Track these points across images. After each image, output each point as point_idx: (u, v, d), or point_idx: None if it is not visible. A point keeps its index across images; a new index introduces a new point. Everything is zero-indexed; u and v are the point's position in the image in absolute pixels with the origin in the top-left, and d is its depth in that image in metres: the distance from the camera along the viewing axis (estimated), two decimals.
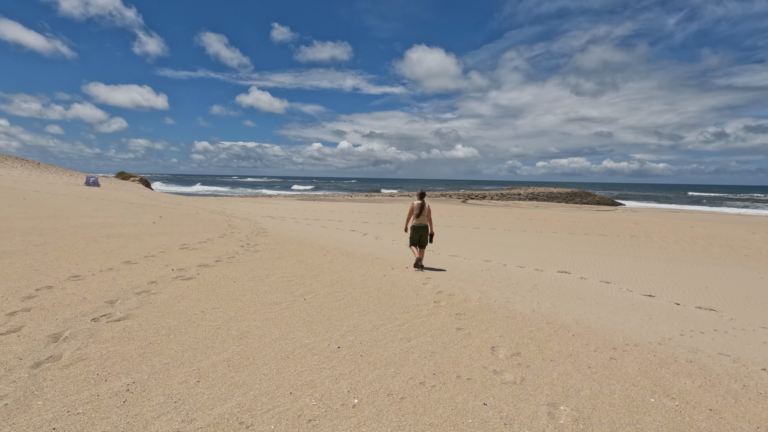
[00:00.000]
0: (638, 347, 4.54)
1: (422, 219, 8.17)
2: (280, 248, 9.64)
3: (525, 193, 57.85)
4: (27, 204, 14.91)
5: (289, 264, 7.85)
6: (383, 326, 4.63)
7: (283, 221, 17.04)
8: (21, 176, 31.87)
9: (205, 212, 18.97)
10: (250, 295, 5.50)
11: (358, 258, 9.03)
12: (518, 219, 23.26)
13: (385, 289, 6.36)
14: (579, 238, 15.09)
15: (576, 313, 5.77)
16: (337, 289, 6.15)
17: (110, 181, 39.80)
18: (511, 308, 5.77)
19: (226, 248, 9.11)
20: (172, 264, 7.04)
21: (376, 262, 8.74)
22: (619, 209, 44.75)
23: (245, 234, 11.79)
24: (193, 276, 6.32)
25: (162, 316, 4.42)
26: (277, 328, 4.33)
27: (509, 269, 8.93)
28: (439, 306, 5.63)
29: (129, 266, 6.62)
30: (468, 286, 7.00)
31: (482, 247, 12.13)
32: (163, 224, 12.56)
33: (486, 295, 6.45)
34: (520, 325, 5.03)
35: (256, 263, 7.68)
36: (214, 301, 5.08)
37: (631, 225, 21.58)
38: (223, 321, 4.40)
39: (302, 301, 5.38)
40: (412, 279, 7.25)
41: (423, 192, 8.41)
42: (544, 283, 7.75)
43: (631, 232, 17.68)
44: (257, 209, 23.73)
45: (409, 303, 5.68)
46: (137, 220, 13.12)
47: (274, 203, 32.18)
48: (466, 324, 4.91)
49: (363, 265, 8.29)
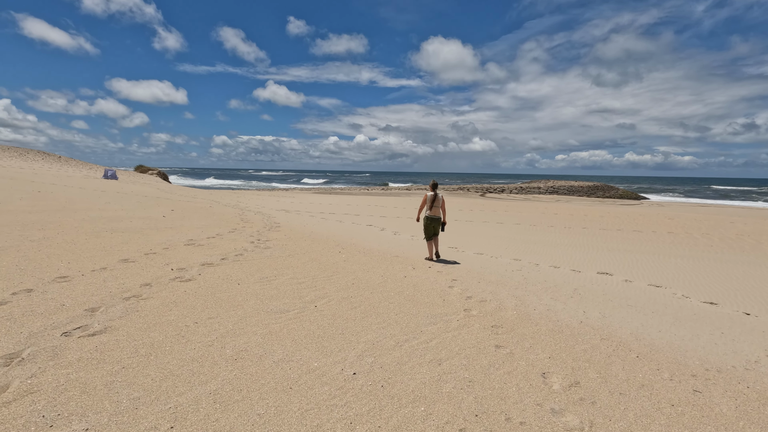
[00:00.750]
0: (722, 374, 3.68)
1: (436, 210, 8.09)
2: (292, 245, 8.98)
3: (545, 187, 56.18)
4: (40, 197, 14.65)
5: (300, 263, 7.16)
6: (407, 343, 3.87)
7: (297, 215, 16.44)
8: (42, 169, 32.17)
9: (219, 206, 18.52)
10: (254, 300, 4.82)
11: (376, 256, 8.30)
12: (543, 213, 22.16)
13: (407, 294, 5.60)
14: (612, 235, 14.02)
15: (632, 325, 4.91)
16: (353, 294, 5.42)
17: (128, 174, 40.03)
18: (555, 319, 4.94)
19: (235, 244, 8.49)
20: (173, 263, 6.43)
21: (396, 260, 7.99)
22: (645, 203, 42.90)
23: (257, 229, 11.19)
24: (194, 277, 5.67)
25: (147, 329, 3.75)
26: (281, 345, 3.62)
27: (543, 270, 8.06)
28: (470, 315, 4.85)
29: (125, 265, 6.03)
30: (500, 290, 6.19)
31: (509, 244, 11.25)
32: (174, 218, 12.07)
33: (523, 301, 5.63)
34: (570, 341, 4.21)
35: (265, 262, 7.02)
36: (212, 309, 4.41)
37: (665, 220, 20.26)
38: (217, 336, 3.71)
39: (313, 309, 4.66)
40: (437, 281, 6.47)
41: (436, 183, 8.30)
42: (586, 286, 6.87)
43: (667, 228, 16.46)
44: (272, 203, 23.24)
45: (436, 311, 4.92)
46: (148, 213, 12.66)
47: (289, 197, 31.73)
48: (505, 340, 4.12)
49: (381, 264, 7.55)
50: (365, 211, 20.11)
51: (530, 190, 55.05)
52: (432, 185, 8.23)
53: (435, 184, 8.25)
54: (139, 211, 12.96)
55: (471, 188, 57.27)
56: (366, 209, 21.02)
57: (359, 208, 21.40)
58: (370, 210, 20.67)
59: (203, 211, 14.95)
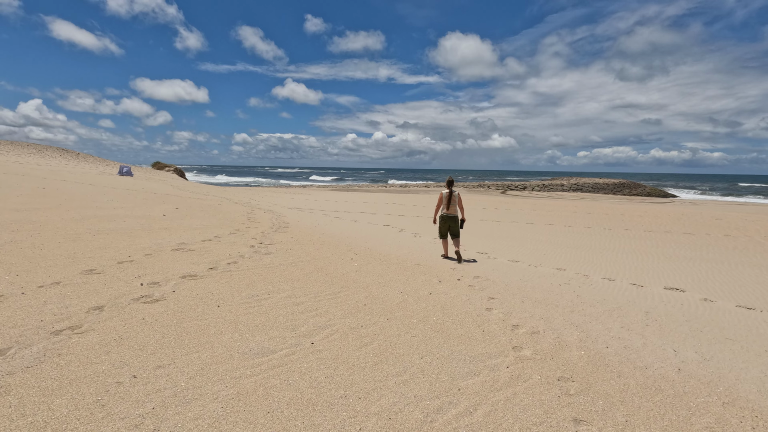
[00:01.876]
0: None
1: (452, 209, 7.82)
2: (298, 249, 7.79)
3: (568, 184, 53.91)
4: (40, 194, 13.91)
5: (303, 274, 5.95)
6: (440, 415, 2.60)
7: (310, 214, 15.30)
8: (59, 166, 32.04)
9: (230, 203, 17.56)
10: (231, 333, 3.61)
11: (394, 264, 7.03)
12: (574, 213, 20.48)
13: (434, 321, 4.32)
14: (662, 238, 12.38)
15: (751, 374, 3.50)
16: (364, 321, 4.17)
17: (145, 171, 39.79)
18: (641, 363, 3.58)
19: (233, 249, 7.35)
20: (147, 274, 5.29)
21: (417, 270, 6.70)
22: (676, 201, 40.40)
23: (262, 230, 10.06)
24: (164, 296, 4.51)
25: (53, 391, 2.54)
26: (247, 424, 2.39)
27: (596, 283, 6.64)
28: (523, 358, 3.53)
29: (85, 279, 4.92)
30: (552, 313, 4.84)
31: (546, 248, 9.82)
32: (175, 216, 11.06)
33: (587, 333, 4.27)
34: (679, 409, 2.85)
35: (261, 273, 5.83)
36: (167, 350, 3.21)
37: (712, 221, 18.35)
38: (156, 404, 2.49)
39: (307, 348, 3.43)
40: (470, 300, 5.16)
41: (451, 180, 7.96)
42: (658, 308, 5.44)
43: (721, 230, 14.66)
44: (286, 200, 22.22)
45: (476, 351, 3.62)
46: (148, 211, 11.69)
47: (305, 194, 30.74)
48: (584, 407, 2.79)
49: (400, 274, 6.28)
50: (382, 209, 18.84)
51: (553, 187, 52.90)
52: (447, 182, 7.91)
53: (450, 182, 7.92)
54: (139, 210, 12.02)
55: (491, 185, 55.39)
56: (383, 207, 19.76)
57: (376, 206, 20.15)
58: (388, 208, 19.40)
59: (210, 209, 13.96)
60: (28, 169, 25.96)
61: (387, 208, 19.27)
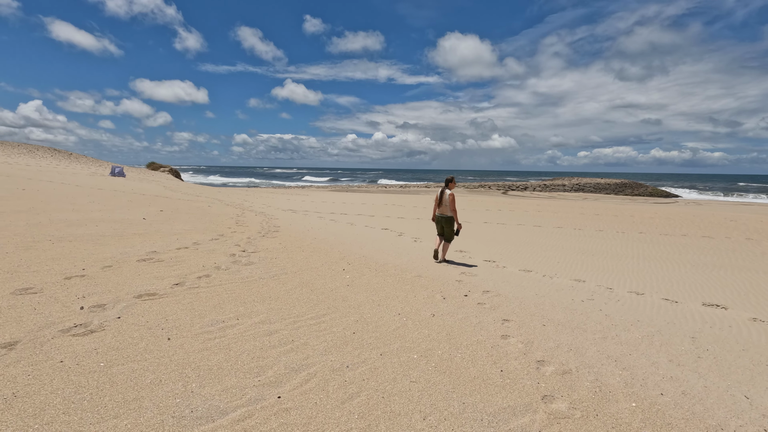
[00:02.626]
0: None
1: (443, 209, 7.47)
2: (284, 258, 6.92)
3: (570, 184, 53.12)
4: (18, 195, 13.03)
5: (285, 290, 5.08)
6: None
7: (304, 216, 14.43)
8: (49, 166, 31.16)
9: (221, 205, 16.70)
10: (172, 383, 2.74)
11: (392, 276, 6.16)
12: (582, 214, 19.60)
13: (438, 357, 3.45)
14: (679, 242, 11.51)
15: None
16: (351, 359, 3.30)
17: (139, 171, 38.91)
18: (712, 422, 2.72)
19: (209, 258, 6.49)
20: (95, 293, 4.42)
21: (418, 283, 5.84)
22: (680, 201, 39.57)
23: (249, 234, 9.19)
24: (104, 324, 3.64)
25: None
26: None
27: (622, 298, 5.77)
28: (558, 416, 2.67)
29: (14, 300, 4.04)
30: (582, 341, 3.98)
31: (559, 255, 8.96)
32: (156, 220, 10.19)
33: (631, 372, 3.40)
34: None
35: (235, 289, 4.96)
36: (72, 417, 2.33)
37: (727, 222, 17.49)
38: None
39: (271, 407, 2.55)
40: (480, 324, 4.29)
41: (449, 179, 7.57)
42: (704, 332, 4.58)
43: (740, 233, 13.79)
44: (282, 201, 21.35)
45: (495, 406, 2.75)
46: (127, 215, 10.82)
47: (303, 194, 29.85)
48: None
49: (398, 289, 5.41)
50: (381, 211, 17.97)
51: (554, 187, 52.10)
52: (445, 181, 7.60)
53: (447, 180, 7.56)
54: (119, 212, 11.15)
55: (492, 186, 54.55)
56: (382, 209, 18.88)
57: (375, 208, 19.27)
58: (387, 210, 18.52)
59: (198, 212, 13.10)
60: (15, 170, 25.09)
61: (386, 210, 18.40)
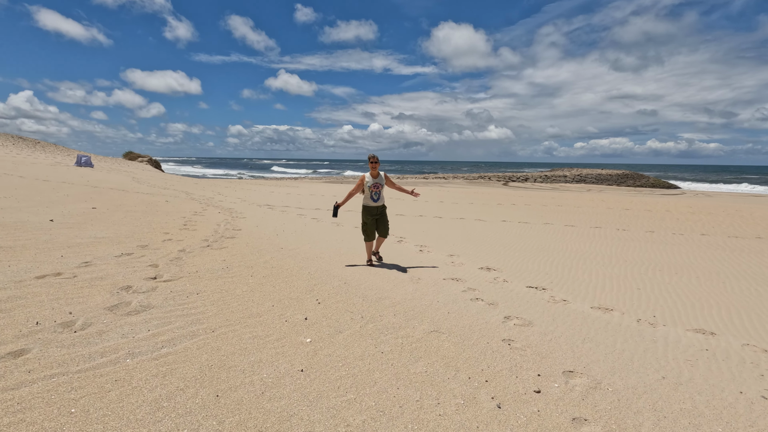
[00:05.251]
0: None
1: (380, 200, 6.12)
2: (209, 294, 4.59)
3: (571, 175, 51.25)
4: None
5: (160, 395, 2.80)
6: None
7: (282, 214, 12.06)
8: (7, 156, 28.35)
9: (183, 199, 14.29)
10: None
11: (390, 331, 3.88)
12: (594, 209, 17.44)
13: None
14: (732, 246, 9.37)
15: None
16: None
17: (113, 161, 36.10)
18: None
19: (81, 296, 4.17)
20: None
21: (432, 349, 3.58)
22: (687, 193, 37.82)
23: (187, 244, 6.84)
24: None
25: None
26: None
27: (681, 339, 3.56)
28: None
29: None
30: None
31: (578, 264, 6.77)
32: (68, 222, 7.79)
33: None
34: None
35: (42, 405, 2.67)
36: None
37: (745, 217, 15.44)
38: None
39: None
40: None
41: (374, 156, 6.01)
42: None
43: None
44: (262, 195, 18.93)
45: None
46: (34, 215, 8.35)
47: (292, 186, 27.39)
48: None
49: (401, 370, 3.14)
50: None
51: (556, 178, 50.18)
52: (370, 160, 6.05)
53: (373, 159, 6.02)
54: (27, 211, 8.69)
55: (492, 177, 52.43)
56: None
57: None
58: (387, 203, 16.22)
59: (145, 209, 10.69)
60: None
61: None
